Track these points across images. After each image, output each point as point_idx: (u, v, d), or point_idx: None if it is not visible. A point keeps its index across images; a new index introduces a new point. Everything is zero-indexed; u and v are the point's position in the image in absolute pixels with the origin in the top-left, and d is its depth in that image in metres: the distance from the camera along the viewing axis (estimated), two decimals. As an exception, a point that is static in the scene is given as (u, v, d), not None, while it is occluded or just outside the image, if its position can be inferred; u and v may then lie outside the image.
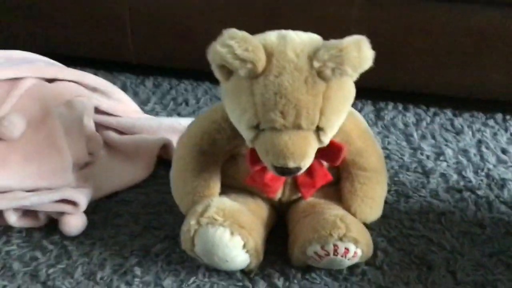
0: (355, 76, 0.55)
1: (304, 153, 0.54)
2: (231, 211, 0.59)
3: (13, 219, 0.67)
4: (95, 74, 1.14)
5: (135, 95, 1.09)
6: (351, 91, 0.57)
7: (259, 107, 0.53)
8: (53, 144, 0.68)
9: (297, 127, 0.54)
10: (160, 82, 1.14)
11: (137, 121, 0.86)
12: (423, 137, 0.93)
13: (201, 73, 1.12)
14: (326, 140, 0.56)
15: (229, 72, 0.55)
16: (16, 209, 0.67)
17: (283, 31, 0.56)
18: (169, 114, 1.01)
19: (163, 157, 0.83)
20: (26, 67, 0.73)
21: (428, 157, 0.87)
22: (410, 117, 0.99)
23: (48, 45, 1.14)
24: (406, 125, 0.97)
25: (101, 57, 1.15)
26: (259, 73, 0.53)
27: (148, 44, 1.10)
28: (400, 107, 1.02)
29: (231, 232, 0.57)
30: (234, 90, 0.55)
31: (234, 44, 0.52)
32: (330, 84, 0.54)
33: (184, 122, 0.87)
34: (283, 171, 0.55)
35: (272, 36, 0.55)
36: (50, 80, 0.77)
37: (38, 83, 0.73)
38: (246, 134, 0.56)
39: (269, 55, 0.53)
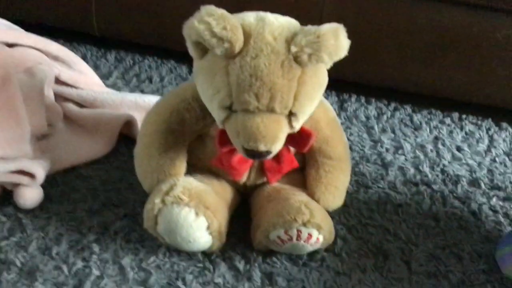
0: (330, 64, 0.55)
1: (275, 137, 0.54)
2: (197, 192, 0.58)
3: (-37, 188, 0.63)
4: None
5: (96, 68, 1.05)
6: (325, 79, 0.58)
7: (233, 87, 0.53)
8: (11, 112, 0.64)
9: (270, 110, 0.53)
10: (123, 56, 1.11)
11: (99, 94, 0.83)
12: (383, 130, 0.95)
13: (166, 50, 1.10)
14: (297, 126, 0.56)
15: (204, 49, 0.54)
16: (-33, 178, 0.63)
17: (261, 13, 0.56)
18: (132, 90, 0.99)
19: (125, 134, 0.81)
20: (-15, 29, 0.69)
21: (387, 150, 0.89)
22: (372, 110, 1.01)
23: (7, 11, 1.08)
24: (367, 117, 0.99)
25: (62, 25, 1.11)
26: (236, 54, 0.52)
27: (112, 16, 1.06)
28: (363, 99, 1.04)
29: (196, 212, 0.57)
30: (208, 68, 0.54)
31: (212, 21, 0.50)
32: (305, 70, 0.54)
33: (149, 99, 0.85)
34: (253, 153, 0.55)
35: (251, 17, 0.54)
36: (11, 45, 0.73)
37: (-3, 47, 0.69)
38: (218, 114, 0.56)
39: (247, 36, 0.52)
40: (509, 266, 0.64)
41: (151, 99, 0.85)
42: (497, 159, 0.90)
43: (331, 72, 0.58)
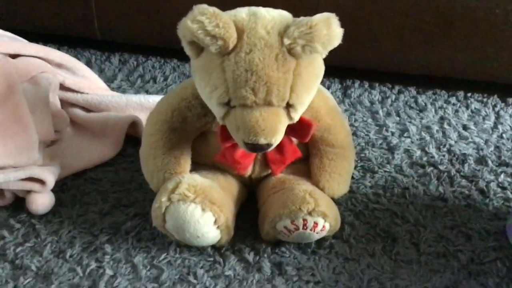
0: (325, 53, 0.55)
1: (274, 129, 0.55)
2: (202, 188, 0.59)
3: (-23, 198, 0.65)
4: (59, 49, 1.12)
5: (100, 72, 1.07)
6: (321, 68, 0.58)
7: (230, 83, 0.53)
8: (19, 121, 0.66)
9: (268, 103, 0.54)
10: (127, 58, 1.12)
11: (104, 98, 0.84)
12: (388, 114, 0.95)
13: (168, 50, 1.11)
14: (296, 117, 0.57)
15: (199, 48, 0.55)
16: (-20, 188, 0.65)
17: (254, 8, 0.56)
18: (137, 92, 1.00)
19: (131, 135, 0.82)
20: (-13, 42, 0.71)
21: (393, 133, 0.89)
22: (376, 95, 1.01)
23: (11, 21, 1.10)
24: (372, 102, 0.99)
25: (65, 32, 1.12)
26: (230, 50, 0.53)
27: (113, 19, 1.07)
28: (367, 85, 1.04)
29: (202, 208, 0.58)
30: (204, 66, 0.55)
31: (205, 20, 0.51)
32: (300, 61, 0.54)
33: (153, 99, 0.87)
34: (254, 147, 0.56)
35: (242, 13, 0.55)
36: (14, 56, 0.75)
37: (1, 59, 0.71)
38: (217, 111, 0.57)
39: (240, 32, 0.53)
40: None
41: (155, 99, 0.86)
42: (504, 135, 0.89)
43: (333, 59, 0.58)
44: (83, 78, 0.84)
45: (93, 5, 1.06)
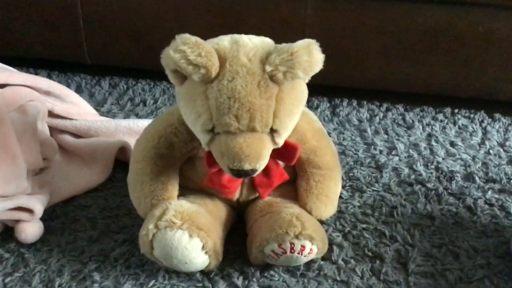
0: (307, 78, 0.56)
1: (259, 155, 0.56)
2: (189, 214, 0.60)
3: (-34, 228, 0.65)
4: (49, 75, 1.13)
5: (91, 96, 1.07)
6: (304, 93, 0.59)
7: (213, 111, 0.54)
8: (7, 150, 0.67)
9: (252, 129, 0.55)
10: (117, 82, 1.13)
11: (93, 123, 0.85)
12: (376, 132, 0.96)
13: (158, 72, 1.11)
14: (280, 142, 0.58)
15: (183, 76, 0.56)
16: (-31, 218, 0.65)
17: (236, 36, 0.57)
18: (127, 115, 1.01)
19: (120, 159, 0.83)
20: (-26, 72, 0.72)
21: (381, 152, 0.90)
22: (364, 113, 1.02)
23: (2, 46, 1.11)
24: (360, 120, 1.00)
25: (55, 57, 1.13)
26: (213, 78, 0.54)
27: (102, 43, 1.09)
28: (355, 103, 1.05)
29: (189, 234, 0.58)
30: (188, 94, 0.56)
31: (187, 50, 0.52)
32: (282, 87, 0.55)
33: (142, 123, 0.87)
34: (239, 173, 0.56)
35: (225, 41, 0.56)
36: (2, 86, 0.75)
37: (-12, 89, 0.72)
38: (202, 138, 0.57)
39: (222, 60, 0.54)
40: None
41: (144, 123, 0.87)
42: (491, 151, 0.90)
43: (321, 78, 0.59)
44: (71, 105, 0.85)
45: (82, 30, 1.07)
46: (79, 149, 0.81)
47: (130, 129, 0.86)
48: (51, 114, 0.81)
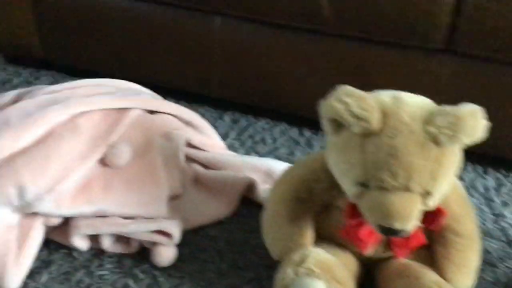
0: (467, 145, 0.55)
1: (410, 215, 0.55)
2: (328, 265, 0.59)
3: (107, 243, 0.69)
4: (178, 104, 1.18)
5: (214, 129, 1.11)
6: (459, 158, 0.58)
7: (369, 165, 0.54)
8: (153, 174, 0.70)
9: (406, 189, 0.54)
10: (238, 117, 1.16)
11: (222, 157, 0.88)
12: (505, 203, 0.91)
13: (277, 112, 1.14)
14: (432, 204, 0.56)
15: (339, 126, 0.56)
16: (111, 234, 0.69)
17: (396, 92, 0.58)
18: (247, 152, 1.03)
19: (244, 195, 0.84)
20: (134, 98, 0.77)
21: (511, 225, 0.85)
22: (490, 181, 0.97)
23: (136, 71, 1.19)
24: (486, 189, 0.95)
25: (185, 88, 1.19)
26: (373, 132, 0.54)
27: (232, 79, 1.13)
28: (480, 170, 1.01)
29: (327, 286, 0.58)
30: (343, 144, 0.57)
31: (350, 102, 0.53)
32: (443, 150, 0.54)
33: (267, 162, 0.89)
34: (388, 231, 0.55)
35: (385, 97, 0.56)
36: (151, 112, 0.80)
37: (142, 114, 0.77)
38: (350, 189, 0.57)
39: (384, 115, 0.54)
40: None
41: (269, 163, 0.89)
42: None
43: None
44: (206, 137, 0.88)
45: (214, 66, 1.12)
46: (209, 180, 0.84)
47: (255, 167, 0.88)
48: (188, 143, 0.84)
